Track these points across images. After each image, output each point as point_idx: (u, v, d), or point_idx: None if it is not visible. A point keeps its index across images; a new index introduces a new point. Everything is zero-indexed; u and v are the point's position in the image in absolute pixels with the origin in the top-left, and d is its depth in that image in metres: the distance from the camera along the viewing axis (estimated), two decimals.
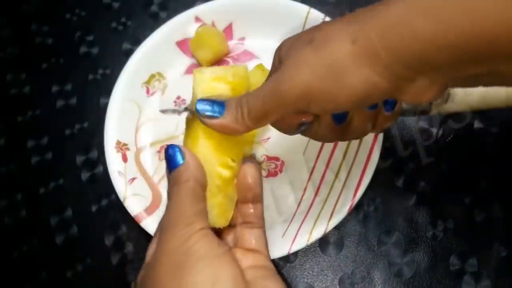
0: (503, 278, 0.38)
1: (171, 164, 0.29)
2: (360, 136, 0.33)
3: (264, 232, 0.33)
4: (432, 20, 0.21)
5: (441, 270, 0.39)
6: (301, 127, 0.30)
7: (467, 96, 0.32)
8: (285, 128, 0.31)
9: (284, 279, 0.40)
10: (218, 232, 0.32)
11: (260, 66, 0.44)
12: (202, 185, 0.29)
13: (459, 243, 0.39)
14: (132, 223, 0.41)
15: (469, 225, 0.40)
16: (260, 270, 0.29)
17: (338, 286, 0.39)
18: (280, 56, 0.28)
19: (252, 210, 0.32)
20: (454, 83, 0.25)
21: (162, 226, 0.28)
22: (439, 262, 0.39)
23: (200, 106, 0.29)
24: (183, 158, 0.28)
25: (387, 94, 0.25)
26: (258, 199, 0.32)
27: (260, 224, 0.32)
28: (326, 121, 0.30)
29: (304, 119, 0.29)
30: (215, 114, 0.28)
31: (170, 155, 0.29)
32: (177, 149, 0.29)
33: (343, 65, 0.24)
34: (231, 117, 0.28)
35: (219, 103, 0.29)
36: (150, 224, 0.40)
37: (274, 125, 0.31)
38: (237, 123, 0.28)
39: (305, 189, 0.41)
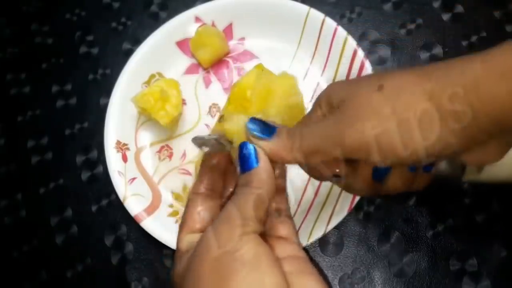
0: (503, 278, 0.38)
1: (245, 166, 0.28)
2: (392, 193, 0.31)
3: (293, 221, 0.32)
4: (508, 85, 0.21)
5: (441, 270, 0.39)
6: (335, 178, 0.29)
7: (502, 168, 0.31)
8: (316, 175, 0.30)
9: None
10: None
11: (260, 66, 0.43)
12: (270, 195, 0.28)
13: (459, 243, 0.39)
14: (132, 223, 0.41)
15: (469, 225, 0.40)
16: (296, 262, 0.29)
17: (338, 286, 0.39)
18: (332, 99, 0.27)
19: (280, 198, 0.32)
20: None
21: (218, 219, 0.27)
22: (439, 262, 0.39)
23: (251, 125, 0.28)
24: (258, 162, 0.27)
25: (454, 155, 0.24)
26: (284, 187, 0.33)
27: (289, 212, 0.32)
28: (364, 176, 0.29)
29: (338, 171, 0.28)
30: (264, 136, 0.28)
31: (244, 155, 0.28)
32: (252, 150, 0.28)
33: (417, 121, 0.23)
34: (280, 144, 0.27)
35: (271, 126, 0.28)
36: (150, 224, 0.40)
37: (309, 171, 0.30)
38: (284, 151, 0.27)
39: (305, 189, 0.41)
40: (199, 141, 0.31)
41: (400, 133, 0.24)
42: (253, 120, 0.28)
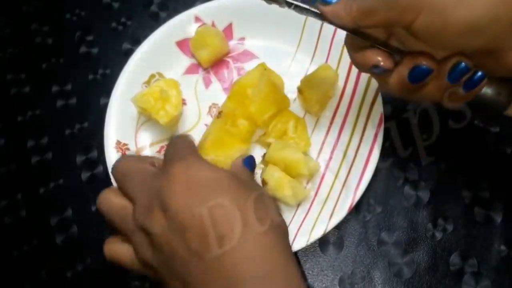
0: (503, 278, 0.38)
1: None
2: (426, 101, 0.31)
3: None
4: None
5: (441, 270, 0.39)
6: (375, 69, 0.30)
7: None
8: (360, 62, 0.31)
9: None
10: None
11: (262, 65, 0.44)
12: None
13: (459, 243, 0.39)
14: None
15: (469, 225, 0.40)
16: None
17: (338, 286, 0.39)
18: None
19: None
20: None
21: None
22: (439, 262, 0.39)
23: None
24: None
25: (498, 39, 0.24)
26: None
27: None
28: (401, 74, 0.29)
29: (381, 61, 0.29)
30: (328, 1, 0.30)
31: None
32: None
33: None
34: (341, 5, 0.29)
35: None
36: None
37: (354, 55, 0.31)
38: (344, 12, 0.29)
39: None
40: None
41: None
42: None
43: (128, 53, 0.48)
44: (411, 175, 0.42)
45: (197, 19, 0.48)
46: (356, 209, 0.41)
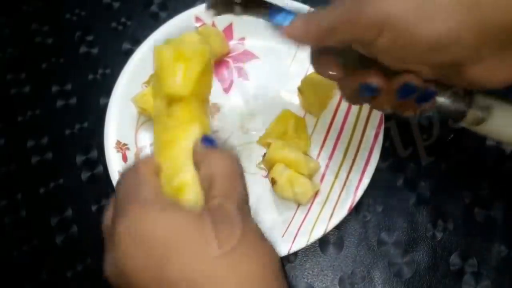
0: (503, 278, 0.38)
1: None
2: (378, 110, 0.33)
3: None
4: None
5: (441, 270, 0.39)
6: (363, 93, 0.29)
7: (500, 127, 0.30)
8: (348, 92, 0.31)
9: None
10: None
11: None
12: None
13: (459, 243, 0.39)
14: None
15: (469, 225, 0.40)
16: None
17: (338, 286, 0.39)
18: None
19: None
20: None
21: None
22: (439, 262, 0.39)
23: (272, 15, 0.29)
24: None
25: (461, 56, 0.23)
26: None
27: None
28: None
29: (368, 81, 0.28)
30: (285, 19, 0.29)
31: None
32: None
33: (437, 6, 0.23)
34: (301, 23, 0.28)
35: (290, 12, 0.29)
36: None
37: (341, 84, 0.31)
38: (305, 30, 0.28)
39: None
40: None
41: (416, 15, 0.23)
42: (273, 8, 0.29)
43: (128, 53, 0.48)
44: (411, 175, 0.42)
45: (197, 19, 0.48)
46: (356, 209, 0.41)
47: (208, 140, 0.27)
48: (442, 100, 0.30)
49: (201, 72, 0.29)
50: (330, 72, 0.30)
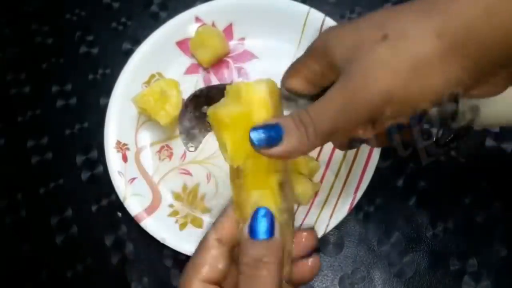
0: (503, 278, 0.38)
1: (257, 232, 0.25)
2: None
3: None
4: None
5: (441, 270, 0.39)
6: (354, 144, 0.28)
7: (496, 116, 0.30)
8: (337, 143, 0.29)
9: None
10: None
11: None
12: (282, 269, 0.25)
13: (459, 243, 0.39)
14: (132, 223, 0.41)
15: (469, 225, 0.40)
16: None
17: (338, 286, 0.39)
18: (335, 60, 0.25)
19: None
20: None
21: None
22: (439, 262, 0.39)
23: (255, 136, 0.24)
24: (273, 233, 0.25)
25: (463, 90, 0.23)
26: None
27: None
28: (381, 139, 0.27)
29: (357, 135, 0.26)
30: (274, 142, 0.24)
31: (259, 222, 0.25)
32: (270, 219, 0.25)
33: (429, 65, 0.22)
34: (295, 140, 0.24)
35: (275, 127, 0.24)
36: (150, 224, 0.40)
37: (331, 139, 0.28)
38: (301, 145, 0.24)
39: None
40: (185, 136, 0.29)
41: (412, 83, 0.22)
42: (255, 130, 0.25)
43: (128, 53, 0.48)
44: (411, 175, 0.42)
45: (197, 19, 0.48)
46: (356, 209, 0.41)
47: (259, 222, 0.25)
48: (430, 113, 0.29)
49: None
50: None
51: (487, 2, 0.20)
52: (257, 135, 0.24)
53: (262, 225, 0.25)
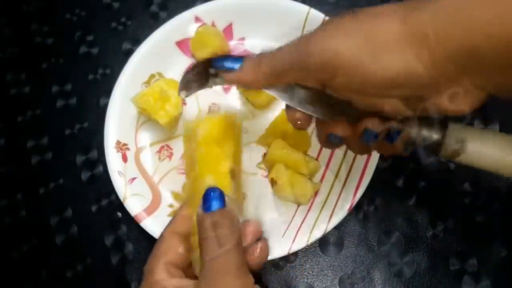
0: (503, 278, 0.38)
1: (209, 205, 0.29)
2: (355, 152, 0.33)
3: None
4: (492, 9, 0.20)
5: (441, 270, 0.39)
6: (332, 140, 0.30)
7: (481, 156, 0.30)
8: (320, 139, 0.31)
9: (284, 279, 0.40)
10: None
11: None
12: (240, 234, 0.29)
13: (459, 243, 0.39)
14: (132, 223, 0.41)
15: (469, 225, 0.40)
16: None
17: (338, 286, 0.39)
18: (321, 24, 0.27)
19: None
20: (499, 90, 0.23)
21: (209, 267, 0.27)
22: (439, 262, 0.39)
23: (219, 62, 0.28)
24: (224, 205, 0.29)
25: (421, 88, 0.23)
26: None
27: None
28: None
29: (333, 131, 0.29)
30: (233, 65, 0.28)
31: (211, 197, 0.29)
32: (219, 193, 0.29)
33: (385, 42, 0.22)
34: (249, 70, 0.27)
35: (237, 58, 0.28)
36: (150, 224, 0.40)
37: (318, 127, 0.31)
38: (253, 76, 0.27)
39: None
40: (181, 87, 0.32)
41: (367, 52, 0.23)
42: (219, 57, 0.29)
43: (128, 53, 0.48)
44: (411, 175, 0.42)
45: (197, 19, 0.48)
46: (356, 209, 0.41)
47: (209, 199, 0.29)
48: (415, 134, 0.29)
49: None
50: (299, 123, 0.30)
51: (460, 3, 0.21)
52: (221, 61, 0.28)
53: (213, 199, 0.29)
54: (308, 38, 0.25)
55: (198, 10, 0.48)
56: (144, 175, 0.43)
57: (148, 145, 0.45)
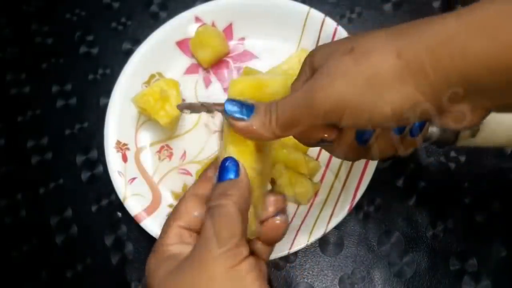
0: (503, 278, 0.38)
1: (223, 175, 0.28)
2: (381, 158, 0.32)
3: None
4: (487, 40, 0.20)
5: (441, 270, 0.39)
6: (321, 143, 0.29)
7: (495, 133, 0.30)
8: (305, 140, 0.30)
9: (284, 279, 0.40)
10: None
11: (246, 69, 0.43)
12: (248, 206, 0.28)
13: (459, 243, 0.39)
14: (132, 223, 0.41)
15: (469, 225, 0.40)
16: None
17: (338, 286, 0.39)
18: (314, 64, 0.27)
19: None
20: (499, 109, 0.24)
21: (205, 235, 0.26)
22: (439, 262, 0.39)
23: (229, 107, 0.28)
24: (238, 175, 0.28)
25: (426, 116, 0.24)
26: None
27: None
28: (347, 141, 0.29)
29: (326, 136, 0.28)
30: (243, 116, 0.27)
31: (226, 167, 0.28)
32: (233, 164, 0.28)
33: (384, 80, 0.23)
34: (259, 122, 0.27)
35: (248, 106, 0.28)
36: (150, 224, 0.40)
37: (295, 135, 0.30)
38: (263, 129, 0.27)
39: None
40: (184, 105, 0.32)
41: (370, 94, 0.23)
42: (230, 101, 0.28)
43: (128, 53, 0.48)
44: (411, 175, 0.42)
45: (197, 19, 0.48)
46: (356, 209, 0.41)
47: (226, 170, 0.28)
48: (432, 129, 0.30)
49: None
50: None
51: (450, 31, 0.21)
52: (231, 106, 0.28)
53: (227, 168, 0.28)
54: (311, 86, 0.25)
55: (198, 10, 0.48)
56: (144, 175, 0.43)
57: (148, 145, 0.45)
